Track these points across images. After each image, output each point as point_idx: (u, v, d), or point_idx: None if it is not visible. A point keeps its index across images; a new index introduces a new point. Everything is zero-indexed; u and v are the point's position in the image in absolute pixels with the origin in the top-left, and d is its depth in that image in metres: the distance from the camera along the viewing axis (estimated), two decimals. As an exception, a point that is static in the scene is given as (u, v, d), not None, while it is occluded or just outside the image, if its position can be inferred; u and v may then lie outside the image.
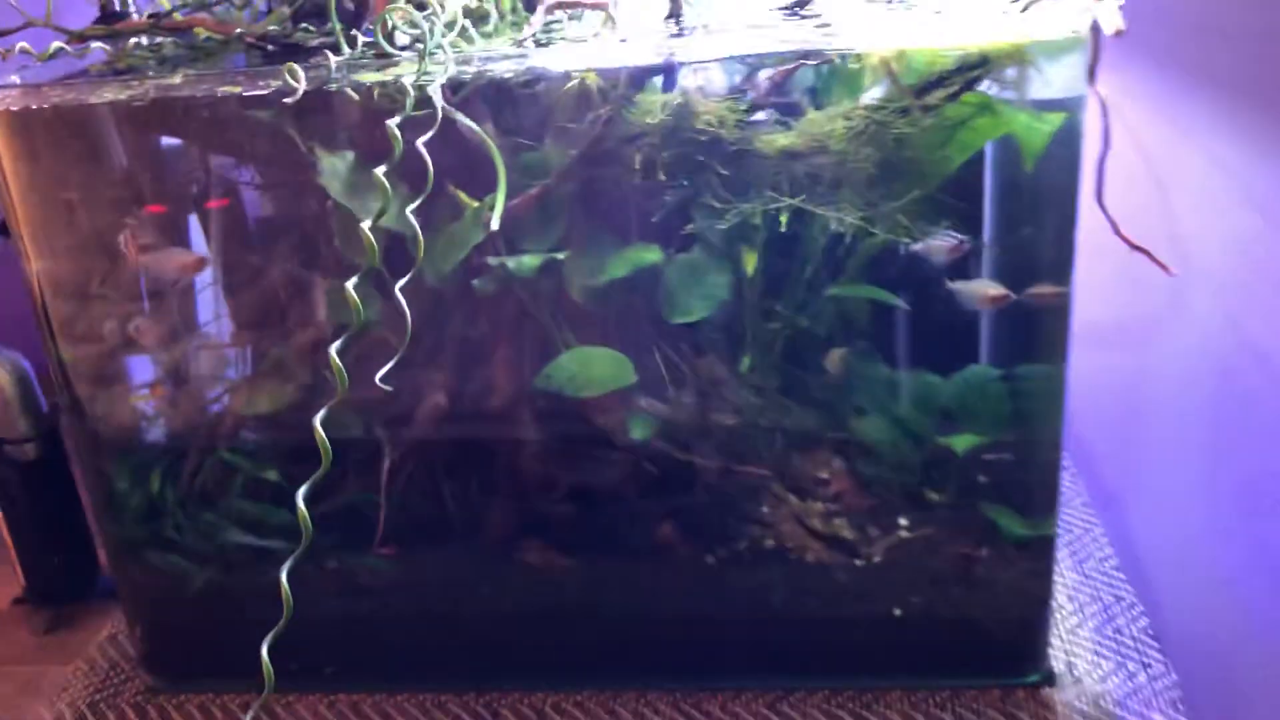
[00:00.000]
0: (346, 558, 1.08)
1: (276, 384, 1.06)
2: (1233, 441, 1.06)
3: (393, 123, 0.76)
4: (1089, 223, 0.92)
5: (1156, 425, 1.26)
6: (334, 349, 0.69)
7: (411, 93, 0.80)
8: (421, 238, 0.73)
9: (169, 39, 1.05)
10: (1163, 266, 0.92)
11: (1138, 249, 0.90)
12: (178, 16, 1.05)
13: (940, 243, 0.98)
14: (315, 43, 0.98)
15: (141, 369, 1.09)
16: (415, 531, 1.08)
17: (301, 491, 0.70)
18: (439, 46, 0.85)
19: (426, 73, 0.83)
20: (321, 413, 0.69)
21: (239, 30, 1.00)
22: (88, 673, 1.15)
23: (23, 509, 1.22)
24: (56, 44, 1.00)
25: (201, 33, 1.03)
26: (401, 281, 0.72)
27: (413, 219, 0.72)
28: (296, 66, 0.83)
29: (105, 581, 1.30)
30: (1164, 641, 1.08)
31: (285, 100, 0.82)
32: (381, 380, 0.76)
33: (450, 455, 1.07)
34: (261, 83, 0.89)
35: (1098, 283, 1.23)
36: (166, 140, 1.05)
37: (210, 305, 1.08)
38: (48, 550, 1.25)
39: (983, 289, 1.02)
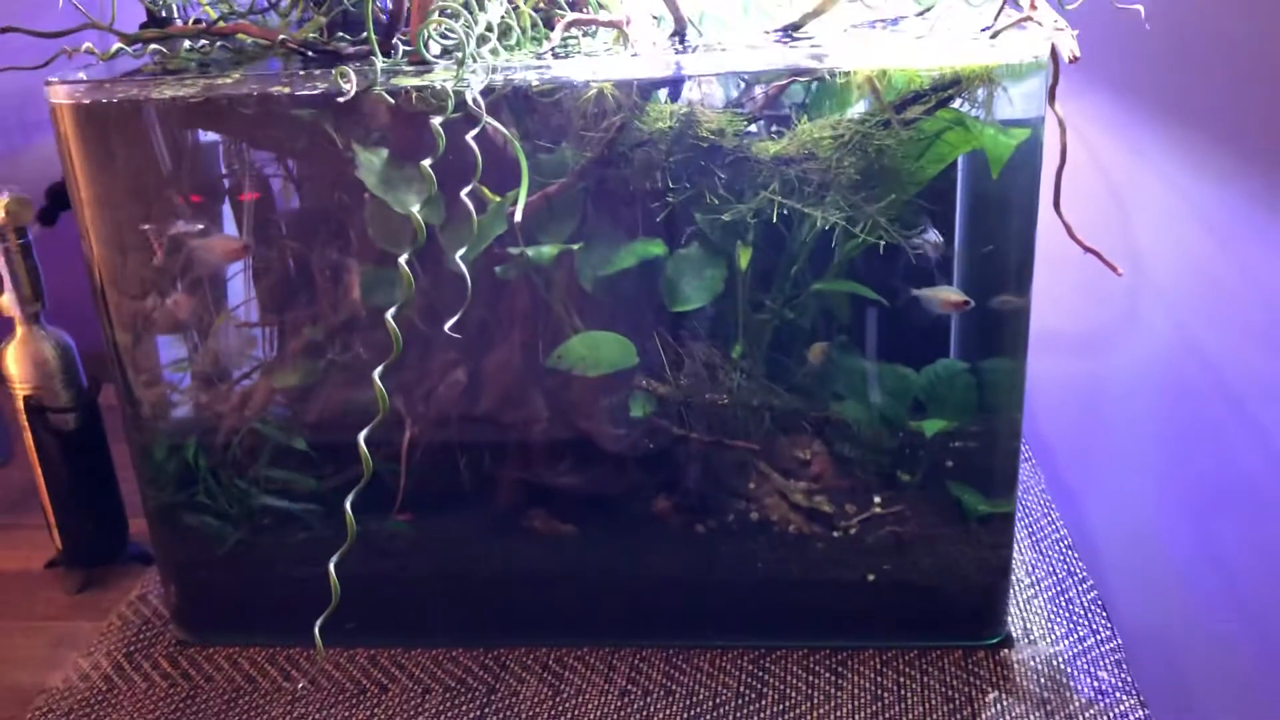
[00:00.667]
0: (368, 522, 1.16)
1: (307, 360, 1.15)
2: (1184, 443, 1.15)
3: (436, 121, 0.86)
4: (1053, 239, 1.02)
5: (1113, 426, 1.36)
6: (390, 313, 0.78)
7: (452, 96, 0.90)
8: (475, 216, 0.82)
9: (215, 43, 1.14)
10: (1112, 267, 1.02)
11: (1089, 250, 1.01)
12: (223, 24, 1.14)
13: (920, 241, 1.08)
14: (351, 50, 1.07)
15: (181, 347, 1.19)
16: (431, 499, 1.18)
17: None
18: (473, 56, 0.94)
19: (463, 79, 0.93)
20: (380, 368, 0.79)
21: (281, 37, 1.09)
22: (121, 628, 1.23)
23: (61, 475, 1.30)
24: (117, 45, 1.09)
25: (245, 38, 1.12)
26: (461, 250, 0.81)
27: (467, 200, 0.81)
28: (348, 69, 0.93)
29: (133, 546, 1.38)
30: (1111, 611, 1.18)
31: (339, 99, 0.92)
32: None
33: (465, 429, 1.16)
34: (311, 84, 0.98)
35: (1060, 295, 1.34)
36: (214, 135, 1.14)
37: (248, 288, 1.17)
38: (83, 514, 1.33)
39: (945, 295, 1.12)
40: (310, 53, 1.07)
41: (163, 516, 1.19)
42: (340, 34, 1.12)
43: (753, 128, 1.08)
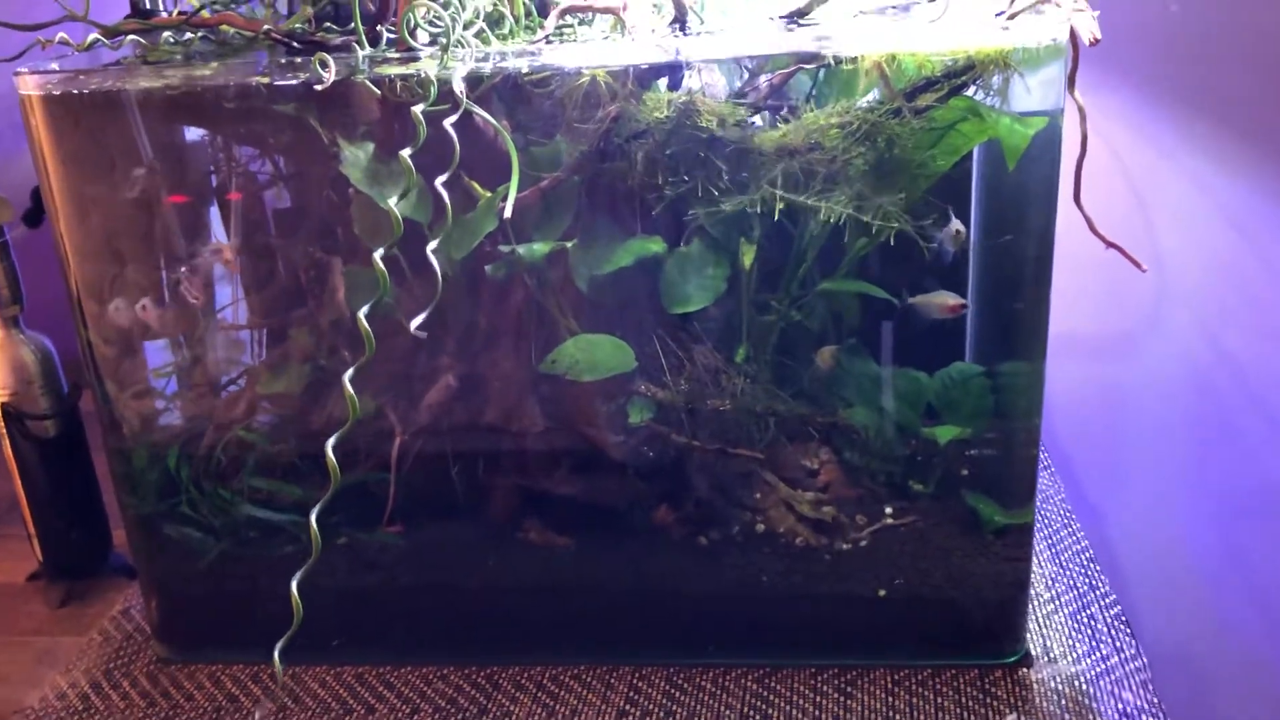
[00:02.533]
0: (355, 534, 1.12)
1: (296, 365, 1.11)
2: (1211, 450, 1.10)
3: (418, 109, 0.82)
4: (1073, 239, 0.97)
5: (1136, 433, 1.31)
6: (362, 312, 0.74)
7: (435, 83, 0.85)
8: (450, 207, 0.77)
9: (197, 34, 1.10)
10: (1136, 263, 0.97)
11: (1112, 245, 0.96)
12: (206, 14, 1.10)
13: (940, 235, 1.04)
14: (338, 40, 1.03)
15: (163, 352, 1.14)
16: (422, 510, 1.13)
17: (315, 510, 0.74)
18: (460, 41, 0.90)
19: (447, 67, 0.88)
20: (350, 371, 0.74)
21: (266, 27, 1.05)
22: (102, 644, 1.18)
23: (41, 483, 1.26)
24: (93, 35, 1.05)
25: (229, 29, 1.08)
26: (433, 243, 0.77)
27: (443, 190, 0.77)
28: (327, 56, 0.88)
29: (116, 558, 1.34)
30: (1136, 627, 1.13)
31: (316, 88, 0.87)
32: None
33: (457, 436, 1.12)
34: (291, 74, 0.94)
35: (1080, 296, 1.29)
36: (194, 130, 1.10)
37: (235, 290, 1.13)
38: (64, 524, 1.29)
39: (941, 300, 1.08)
40: (295, 44, 1.03)
41: (143, 528, 1.14)
42: (328, 25, 1.07)
43: (757, 119, 1.03)
